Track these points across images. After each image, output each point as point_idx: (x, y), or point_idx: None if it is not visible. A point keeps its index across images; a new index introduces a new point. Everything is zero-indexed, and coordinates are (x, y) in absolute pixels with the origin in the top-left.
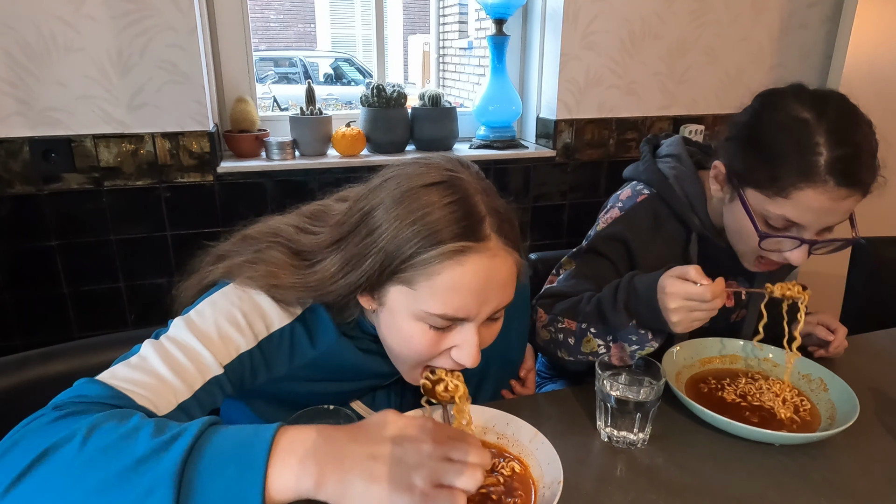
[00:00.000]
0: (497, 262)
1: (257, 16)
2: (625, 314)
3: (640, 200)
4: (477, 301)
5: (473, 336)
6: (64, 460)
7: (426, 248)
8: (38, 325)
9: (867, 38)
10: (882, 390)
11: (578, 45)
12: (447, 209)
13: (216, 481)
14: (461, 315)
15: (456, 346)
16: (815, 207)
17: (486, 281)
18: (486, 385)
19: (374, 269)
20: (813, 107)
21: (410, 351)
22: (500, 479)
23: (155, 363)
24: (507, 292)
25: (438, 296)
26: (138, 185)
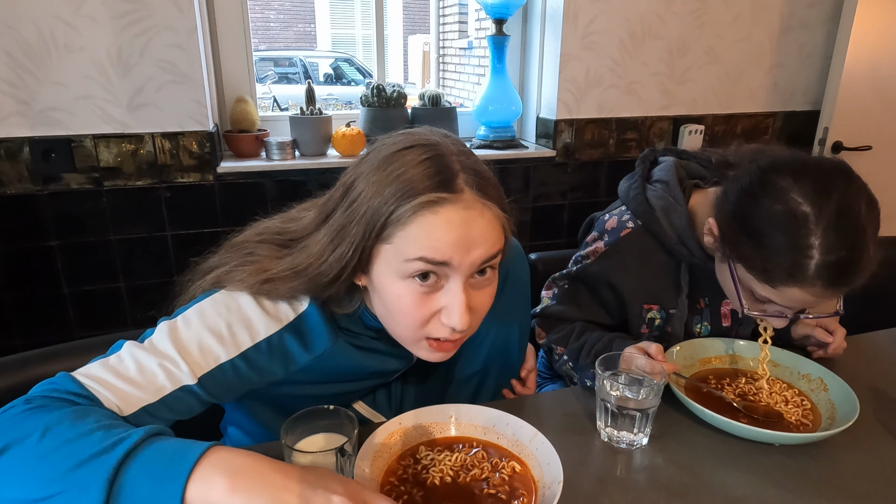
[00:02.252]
0: (472, 214)
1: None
2: (591, 363)
3: (623, 235)
4: (456, 246)
5: (459, 292)
6: (22, 454)
7: (402, 203)
8: (38, 325)
9: (867, 38)
10: (882, 390)
11: (578, 45)
12: (421, 167)
13: (142, 487)
14: (439, 257)
15: (444, 308)
16: (799, 300)
17: (461, 230)
18: (487, 383)
19: (359, 237)
20: (813, 197)
21: (402, 316)
22: (504, 477)
23: (128, 367)
24: (487, 246)
25: (413, 241)
26: (138, 185)
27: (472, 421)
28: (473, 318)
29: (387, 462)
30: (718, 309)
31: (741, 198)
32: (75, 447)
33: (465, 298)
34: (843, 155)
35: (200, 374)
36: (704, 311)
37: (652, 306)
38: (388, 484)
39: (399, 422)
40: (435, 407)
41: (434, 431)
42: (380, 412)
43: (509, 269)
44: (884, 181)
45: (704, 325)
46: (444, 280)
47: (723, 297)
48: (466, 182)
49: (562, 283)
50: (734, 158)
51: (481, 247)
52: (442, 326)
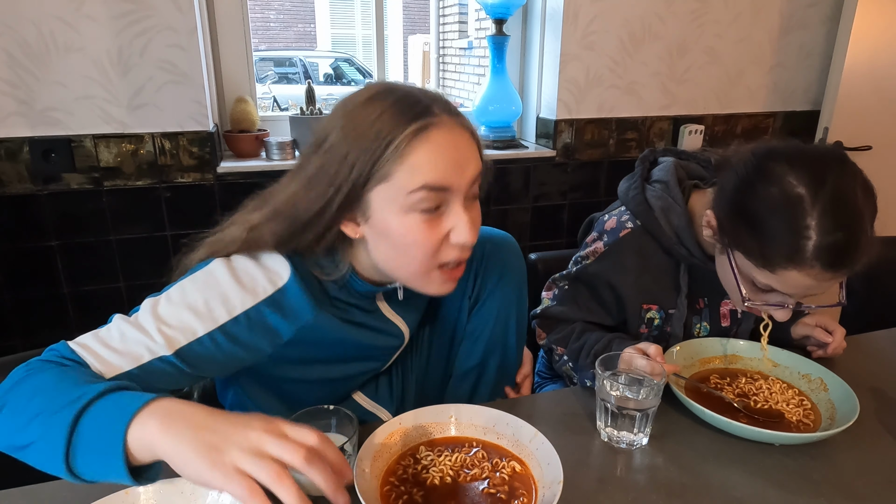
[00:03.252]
0: (456, 135)
1: (257, 16)
2: (590, 363)
3: (622, 235)
4: (453, 168)
5: (462, 211)
6: (13, 409)
7: (391, 138)
8: (38, 325)
9: (867, 38)
10: (882, 390)
11: (578, 45)
12: (395, 106)
13: (93, 433)
14: (442, 183)
15: (452, 230)
16: (800, 285)
17: (454, 149)
18: (486, 378)
19: (344, 178)
20: (809, 181)
21: (415, 248)
22: (505, 477)
23: (112, 337)
24: (474, 164)
25: (416, 171)
26: (138, 185)
27: (472, 421)
28: (477, 233)
29: (387, 462)
30: (718, 309)
31: (737, 186)
32: (52, 400)
33: (468, 216)
34: None
35: (178, 347)
36: (704, 311)
37: (651, 306)
38: (388, 484)
39: (399, 422)
40: (435, 407)
41: (434, 431)
42: (380, 404)
43: (505, 264)
44: (884, 181)
45: (704, 326)
46: (444, 206)
47: (722, 297)
48: (440, 108)
49: (562, 284)
50: (734, 158)
51: (471, 165)
52: (452, 248)
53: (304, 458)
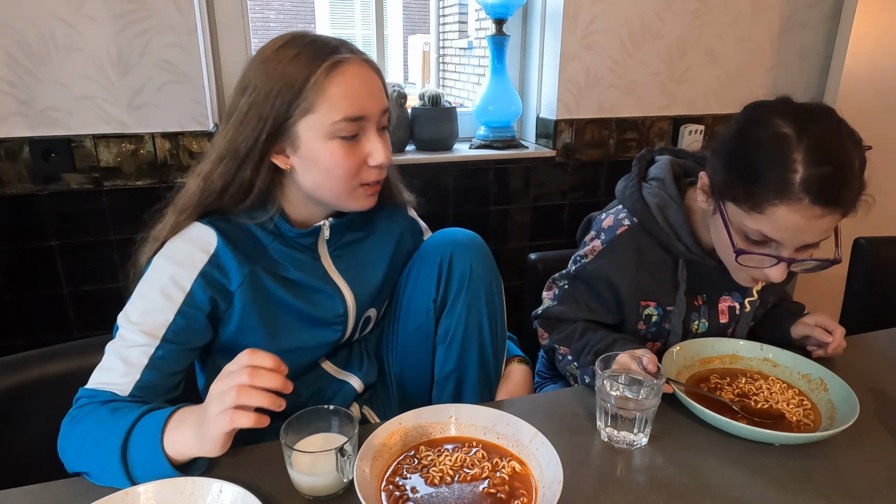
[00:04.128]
0: (367, 70)
1: (257, 16)
2: (591, 361)
3: (619, 233)
4: (366, 99)
5: (377, 138)
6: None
7: (308, 73)
8: (38, 325)
9: (867, 38)
10: (882, 390)
11: (578, 45)
12: (309, 47)
13: (140, 453)
14: (359, 112)
15: (369, 155)
16: (790, 225)
17: (365, 82)
18: (468, 383)
19: (270, 113)
20: (795, 122)
21: (338, 169)
22: (505, 477)
23: (115, 363)
24: (383, 96)
25: (336, 104)
26: (138, 185)
27: (472, 421)
28: (390, 156)
29: (387, 462)
30: (716, 305)
31: (727, 138)
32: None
33: (382, 142)
34: None
35: (161, 335)
36: (702, 307)
37: (649, 303)
38: (389, 484)
39: (399, 422)
40: (435, 407)
41: (434, 431)
42: (350, 371)
43: (469, 265)
44: (884, 181)
45: (702, 322)
46: (361, 133)
47: (720, 294)
48: (347, 49)
49: (562, 284)
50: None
51: (380, 97)
52: (370, 170)
53: (248, 374)
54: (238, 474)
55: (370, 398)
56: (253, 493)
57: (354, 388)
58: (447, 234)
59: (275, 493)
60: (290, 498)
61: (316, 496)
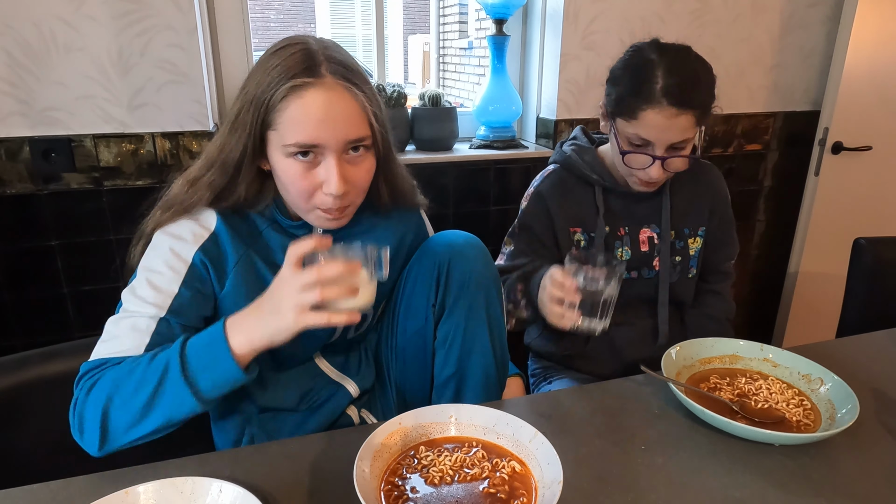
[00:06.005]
0: (334, 96)
1: (257, 16)
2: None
3: (546, 174)
4: (322, 129)
5: (334, 167)
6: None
7: (277, 88)
8: (38, 325)
9: (867, 38)
10: (882, 390)
11: (578, 45)
12: (289, 59)
13: (201, 358)
14: (311, 141)
15: (324, 182)
16: (655, 125)
17: (326, 111)
18: (468, 385)
19: (250, 122)
20: (658, 52)
21: (291, 186)
22: (505, 477)
23: (120, 332)
24: (350, 127)
25: (290, 128)
26: (138, 185)
27: (472, 421)
28: (351, 189)
29: (387, 462)
30: (637, 237)
31: (614, 69)
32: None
33: (339, 171)
34: (844, 155)
35: (167, 307)
36: (625, 237)
37: (576, 229)
38: (389, 484)
39: (399, 422)
40: (435, 407)
41: (434, 431)
42: (346, 374)
43: (469, 269)
44: (884, 181)
45: (625, 250)
46: (320, 157)
47: (641, 226)
48: (328, 69)
49: (508, 245)
50: None
51: (347, 128)
52: (325, 197)
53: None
54: (238, 474)
55: (368, 401)
56: (253, 493)
57: (350, 393)
58: (446, 236)
59: (275, 493)
60: (290, 498)
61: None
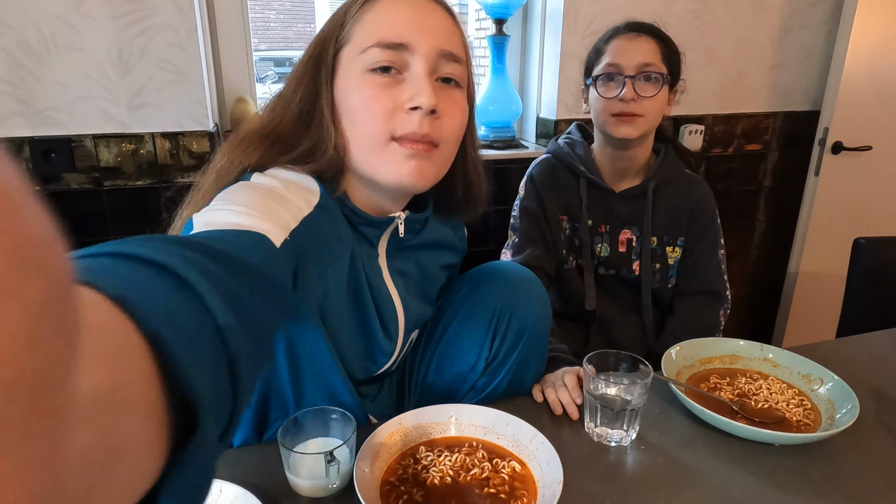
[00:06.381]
0: (424, 4)
1: (257, 16)
2: None
3: (538, 162)
4: (412, 27)
5: (423, 75)
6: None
7: (348, 6)
8: None
9: (867, 38)
10: (882, 390)
11: (578, 45)
12: None
13: None
14: (395, 38)
15: (410, 97)
16: (619, 48)
17: (415, 12)
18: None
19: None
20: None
21: (366, 113)
22: (505, 477)
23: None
24: (446, 37)
25: (370, 28)
26: (138, 184)
27: (472, 421)
28: (442, 126)
29: (387, 462)
30: (617, 236)
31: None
32: None
33: (429, 81)
34: (844, 155)
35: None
36: (605, 235)
37: (563, 216)
38: (388, 484)
39: (399, 422)
40: (435, 407)
41: (434, 431)
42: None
43: (526, 318)
44: (884, 181)
45: (605, 247)
46: (406, 70)
47: (621, 227)
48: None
49: (511, 237)
50: None
51: (439, 34)
52: (408, 117)
53: None
54: (238, 474)
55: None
56: (253, 493)
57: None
58: (504, 275)
59: (275, 493)
60: (290, 498)
61: (313, 497)
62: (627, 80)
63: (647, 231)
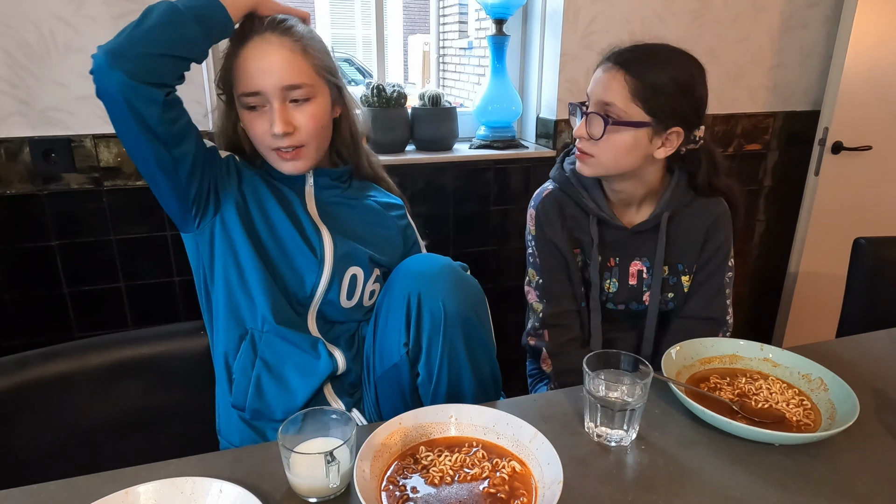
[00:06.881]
0: (270, 47)
1: None
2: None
3: (544, 196)
4: (259, 75)
5: (276, 110)
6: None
7: (231, 49)
8: (38, 325)
9: (867, 38)
10: (882, 390)
11: (578, 45)
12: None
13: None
14: (251, 89)
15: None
16: (595, 79)
17: (263, 59)
18: None
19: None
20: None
21: (250, 133)
22: (505, 477)
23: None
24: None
25: (238, 79)
26: (138, 185)
27: (472, 421)
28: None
29: (387, 462)
30: (627, 269)
31: None
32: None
33: (280, 114)
34: (844, 155)
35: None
36: (614, 269)
37: (577, 250)
38: (389, 484)
39: (399, 422)
40: (435, 407)
41: (434, 431)
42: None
43: (441, 305)
44: (884, 181)
45: (613, 282)
46: (267, 104)
47: (631, 259)
48: (269, 26)
49: (536, 280)
50: None
51: (278, 73)
52: (276, 138)
53: None
54: (238, 474)
55: (359, 400)
56: (253, 493)
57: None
58: (413, 264)
59: (275, 494)
60: (289, 498)
61: (314, 497)
62: (584, 117)
63: (658, 264)
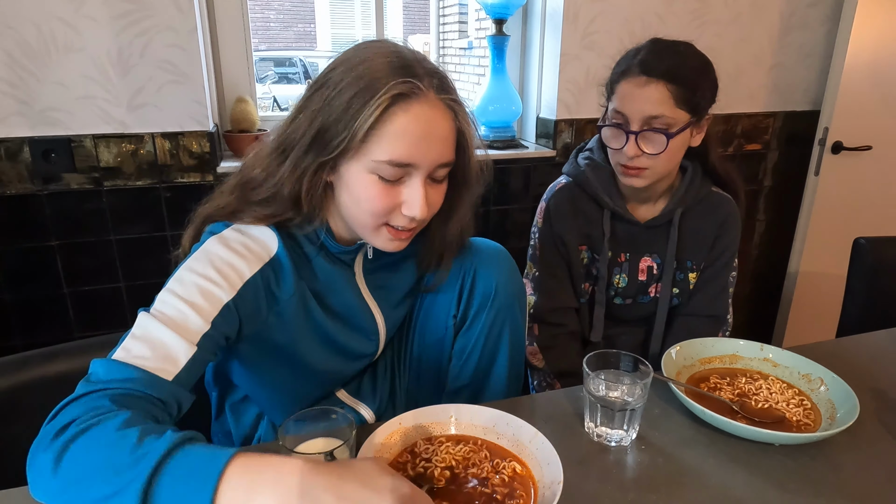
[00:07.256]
0: (437, 114)
1: (257, 16)
2: None
3: (557, 189)
4: (420, 148)
5: (419, 188)
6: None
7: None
8: (38, 325)
9: (867, 38)
10: (882, 390)
11: (578, 45)
12: (386, 59)
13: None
14: (406, 160)
15: (405, 202)
16: (627, 93)
17: (427, 128)
18: (485, 395)
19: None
20: (653, 40)
21: (367, 203)
22: (505, 478)
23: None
24: (447, 148)
25: (385, 145)
26: (138, 185)
27: (472, 421)
28: (429, 211)
29: (387, 462)
30: (637, 265)
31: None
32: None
33: (424, 193)
34: (844, 155)
35: (211, 319)
36: (624, 264)
37: (583, 247)
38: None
39: (399, 422)
40: (435, 407)
41: (434, 431)
42: (362, 400)
43: (495, 282)
44: (884, 181)
45: (623, 277)
46: (406, 177)
47: (641, 255)
48: (430, 84)
49: (533, 272)
50: None
51: (440, 149)
52: (401, 216)
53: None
54: None
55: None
56: None
57: (365, 419)
58: (472, 243)
59: None
60: None
61: None
62: (631, 136)
63: (669, 260)
